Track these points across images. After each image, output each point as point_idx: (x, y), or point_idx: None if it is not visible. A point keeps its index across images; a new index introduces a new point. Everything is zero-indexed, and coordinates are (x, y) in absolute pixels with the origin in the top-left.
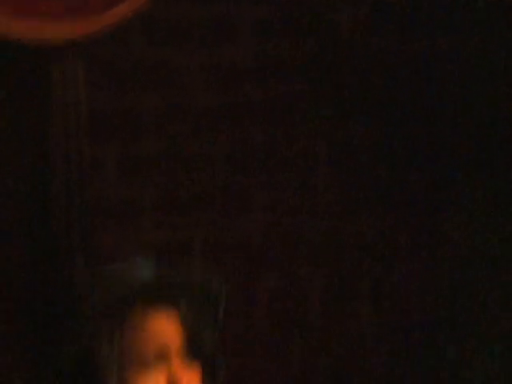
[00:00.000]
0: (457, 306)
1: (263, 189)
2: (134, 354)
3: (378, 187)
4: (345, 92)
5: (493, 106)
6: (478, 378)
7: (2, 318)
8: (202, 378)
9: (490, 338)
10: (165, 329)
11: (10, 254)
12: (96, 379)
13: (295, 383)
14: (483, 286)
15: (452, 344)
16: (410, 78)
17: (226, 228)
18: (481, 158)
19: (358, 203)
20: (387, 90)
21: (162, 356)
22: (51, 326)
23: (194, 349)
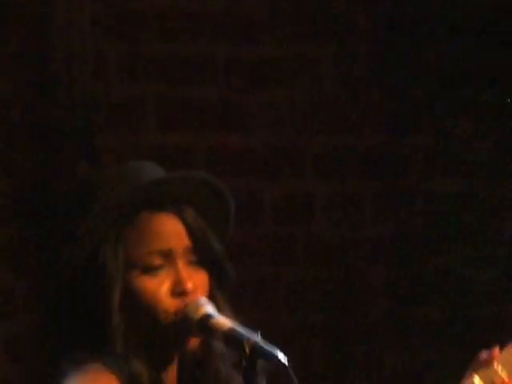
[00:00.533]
0: None
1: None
2: (139, 256)
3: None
4: None
5: None
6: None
7: (3, 221)
8: (209, 284)
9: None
10: (170, 230)
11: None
12: (100, 282)
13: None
14: None
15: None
16: None
17: (229, 137)
18: None
19: None
20: None
21: (168, 259)
22: (53, 229)
23: (202, 253)
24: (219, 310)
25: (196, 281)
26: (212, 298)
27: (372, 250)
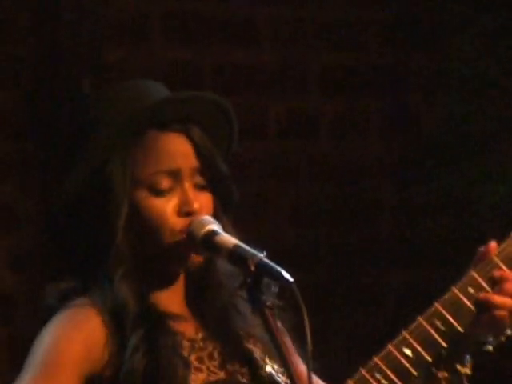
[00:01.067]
0: None
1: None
2: (147, 175)
3: None
4: None
5: None
6: None
7: (8, 137)
8: (214, 205)
9: None
10: (178, 150)
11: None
12: (106, 200)
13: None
14: None
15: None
16: None
17: (235, 53)
18: None
19: None
20: None
21: (175, 179)
22: (57, 146)
23: (208, 174)
24: (224, 230)
25: (202, 202)
26: (216, 219)
27: (378, 167)
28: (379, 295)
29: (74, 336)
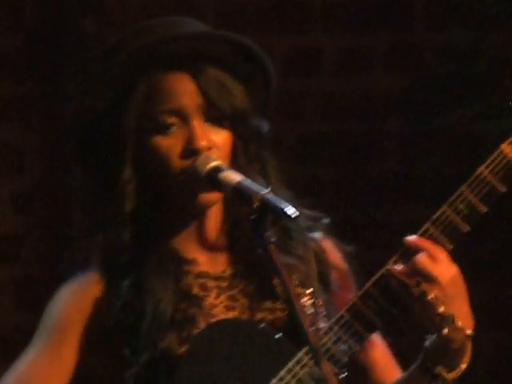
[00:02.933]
0: None
1: None
2: (153, 115)
3: None
4: None
5: None
6: None
7: (9, 80)
8: (233, 143)
9: None
10: (181, 89)
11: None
12: (114, 137)
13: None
14: None
15: None
16: None
17: None
18: None
19: None
20: None
21: (181, 118)
22: (62, 88)
23: (220, 111)
24: (241, 169)
25: (213, 139)
26: (234, 157)
27: (383, 103)
28: (383, 233)
29: (73, 299)
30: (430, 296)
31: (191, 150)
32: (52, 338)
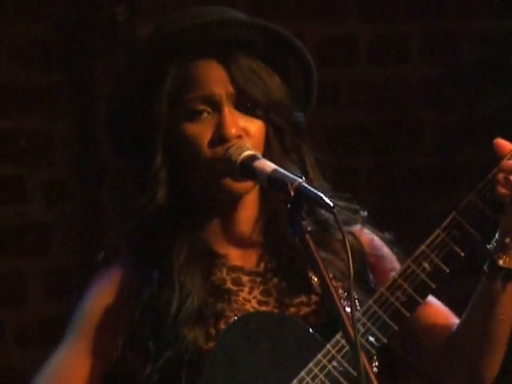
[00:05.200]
0: None
1: None
2: (183, 101)
3: None
4: None
5: None
6: None
7: (41, 69)
8: (266, 133)
9: None
10: (211, 76)
11: None
12: (145, 122)
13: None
14: None
15: None
16: None
17: None
18: None
19: None
20: None
21: (212, 105)
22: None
23: (253, 100)
24: (276, 159)
25: (245, 127)
26: (269, 147)
27: (419, 92)
28: (420, 223)
29: (103, 293)
30: None
31: (220, 138)
32: (82, 335)
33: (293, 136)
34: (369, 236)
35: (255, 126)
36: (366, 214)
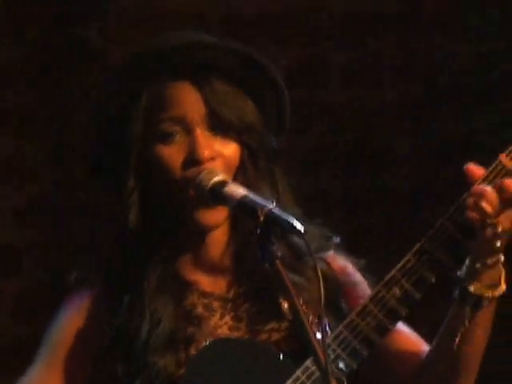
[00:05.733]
0: None
1: None
2: (156, 123)
3: None
4: None
5: None
6: None
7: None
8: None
9: None
10: (184, 97)
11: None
12: (118, 144)
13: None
14: None
15: None
16: None
17: None
18: None
19: None
20: None
21: (184, 126)
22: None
23: (226, 122)
24: (250, 182)
25: (218, 150)
26: (243, 170)
27: (393, 115)
28: (394, 247)
29: (73, 316)
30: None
31: (193, 160)
32: (52, 360)
33: (266, 160)
34: (341, 263)
35: (229, 149)
36: (338, 240)
